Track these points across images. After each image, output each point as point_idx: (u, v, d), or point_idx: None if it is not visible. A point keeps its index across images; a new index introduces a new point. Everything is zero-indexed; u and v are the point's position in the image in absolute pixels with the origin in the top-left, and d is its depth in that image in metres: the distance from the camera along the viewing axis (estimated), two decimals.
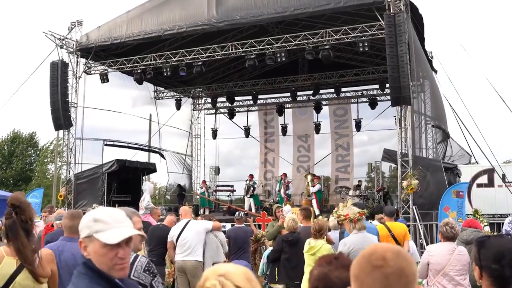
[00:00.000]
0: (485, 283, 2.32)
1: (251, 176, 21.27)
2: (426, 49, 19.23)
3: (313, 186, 18.81)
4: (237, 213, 10.01)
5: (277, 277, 7.72)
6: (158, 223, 9.10)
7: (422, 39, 17.74)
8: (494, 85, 14.86)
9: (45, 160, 42.56)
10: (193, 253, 7.90)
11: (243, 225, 9.63)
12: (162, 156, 25.50)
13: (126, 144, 23.21)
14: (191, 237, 7.98)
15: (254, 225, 11.71)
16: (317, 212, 17.54)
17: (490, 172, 17.89)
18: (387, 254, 1.63)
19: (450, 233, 5.79)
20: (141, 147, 24.43)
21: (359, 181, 22.09)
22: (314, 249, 6.70)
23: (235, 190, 24.32)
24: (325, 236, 7.03)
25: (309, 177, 19.51)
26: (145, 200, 12.75)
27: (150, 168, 23.57)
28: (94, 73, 20.06)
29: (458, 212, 12.30)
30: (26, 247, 3.36)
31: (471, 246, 6.35)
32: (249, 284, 1.69)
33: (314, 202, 18.37)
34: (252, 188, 20.55)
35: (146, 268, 3.79)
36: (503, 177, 17.27)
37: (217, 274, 1.69)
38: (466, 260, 5.78)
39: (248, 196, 20.45)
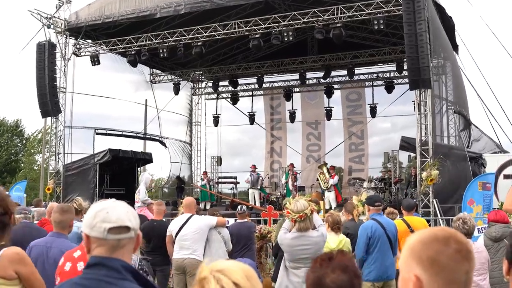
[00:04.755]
0: None
1: (254, 166, 21.28)
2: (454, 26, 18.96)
3: (332, 178, 18.74)
4: (239, 207, 9.99)
5: None
6: (151, 220, 9.06)
7: (443, 17, 17.60)
8: None
9: (32, 151, 42.66)
10: (194, 252, 7.91)
11: (245, 220, 9.64)
12: (163, 144, 25.52)
13: (120, 133, 23.24)
14: (192, 234, 7.96)
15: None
16: (334, 205, 17.49)
17: None
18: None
19: (463, 229, 5.61)
20: (137, 135, 24.46)
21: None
22: (334, 245, 6.73)
23: (238, 182, 24.33)
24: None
25: (325, 169, 19.31)
26: (141, 192, 12.79)
27: (146, 159, 23.57)
28: (84, 55, 20.08)
29: (485, 206, 12.23)
30: None
31: (500, 243, 6.16)
32: (248, 281, 1.71)
33: (332, 194, 18.32)
34: (261, 179, 20.71)
35: (138, 268, 3.83)
36: None
37: (214, 269, 1.72)
38: (485, 257, 5.70)
39: (258, 187, 20.49)
